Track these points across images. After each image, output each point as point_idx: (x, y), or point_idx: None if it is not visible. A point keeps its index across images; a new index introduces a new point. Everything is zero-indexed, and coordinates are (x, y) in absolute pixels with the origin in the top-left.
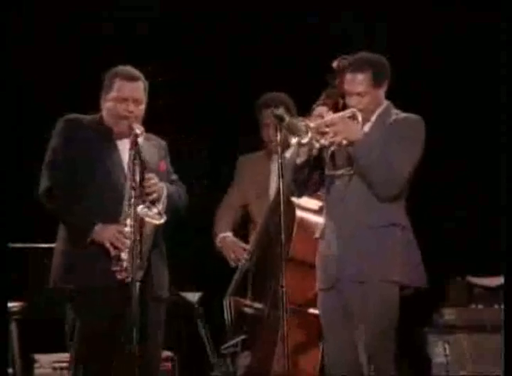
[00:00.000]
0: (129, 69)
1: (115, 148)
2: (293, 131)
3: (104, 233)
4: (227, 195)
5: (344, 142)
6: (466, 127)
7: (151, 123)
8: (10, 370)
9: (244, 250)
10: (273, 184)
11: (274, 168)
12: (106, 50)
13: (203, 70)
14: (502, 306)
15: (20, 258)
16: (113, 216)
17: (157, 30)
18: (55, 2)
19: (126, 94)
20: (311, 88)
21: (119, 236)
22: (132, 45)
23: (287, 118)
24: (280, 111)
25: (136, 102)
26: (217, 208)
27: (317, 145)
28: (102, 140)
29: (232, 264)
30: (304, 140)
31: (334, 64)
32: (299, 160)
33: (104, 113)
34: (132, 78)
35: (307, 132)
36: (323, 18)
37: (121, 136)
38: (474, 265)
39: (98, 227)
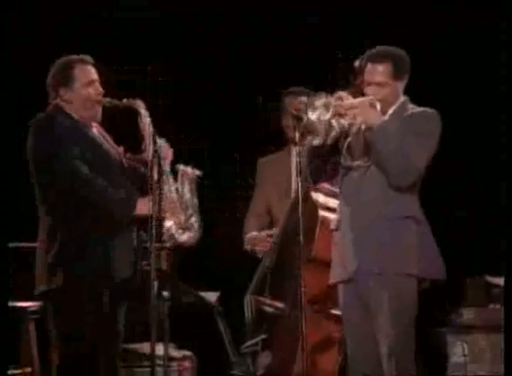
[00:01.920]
0: (80, 55)
1: (95, 134)
2: (312, 130)
3: (146, 204)
4: (252, 203)
5: (363, 126)
6: (466, 127)
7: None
8: (28, 370)
9: (268, 236)
10: (294, 180)
11: (294, 162)
12: (106, 50)
13: (203, 70)
14: None
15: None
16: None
17: (157, 30)
18: (55, 2)
19: (93, 76)
20: (310, 88)
21: (164, 203)
22: (132, 44)
23: (305, 117)
24: (303, 100)
25: (98, 82)
26: (217, 209)
27: (336, 125)
28: (83, 129)
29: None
30: (325, 117)
31: (356, 64)
32: (316, 142)
33: (69, 103)
34: (89, 61)
35: (327, 110)
36: (323, 18)
37: (89, 121)
38: (493, 265)
39: (139, 202)
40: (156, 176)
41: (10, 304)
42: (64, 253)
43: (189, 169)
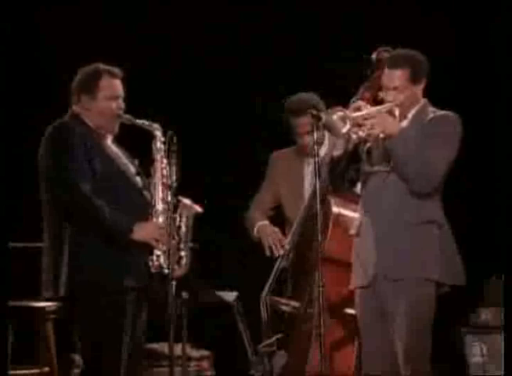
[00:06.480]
0: (110, 67)
1: (109, 146)
2: (331, 129)
3: (145, 230)
4: (259, 194)
5: (381, 135)
6: (465, 127)
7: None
8: (47, 369)
9: (281, 241)
10: (308, 186)
11: (308, 170)
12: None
13: (203, 70)
14: None
15: None
16: (140, 214)
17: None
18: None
19: (118, 91)
20: (310, 87)
21: (161, 232)
22: (132, 45)
23: (324, 117)
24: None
25: (122, 98)
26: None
27: (354, 136)
28: (97, 140)
29: (268, 253)
30: (343, 130)
31: (373, 56)
32: (335, 153)
33: (89, 112)
34: (118, 75)
35: (345, 123)
36: (323, 18)
37: (107, 134)
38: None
39: (137, 226)
40: (162, 204)
41: (29, 304)
42: (69, 260)
43: (191, 204)
